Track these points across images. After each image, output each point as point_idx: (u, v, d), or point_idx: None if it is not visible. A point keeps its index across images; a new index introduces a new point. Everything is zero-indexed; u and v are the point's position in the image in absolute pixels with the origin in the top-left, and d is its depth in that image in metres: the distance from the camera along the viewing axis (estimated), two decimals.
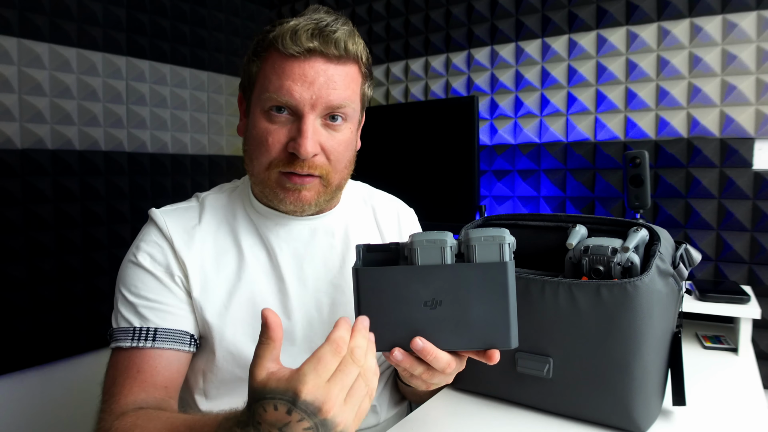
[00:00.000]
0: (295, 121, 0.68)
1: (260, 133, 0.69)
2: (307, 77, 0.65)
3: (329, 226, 0.80)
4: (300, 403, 0.42)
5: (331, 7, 2.16)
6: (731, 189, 1.40)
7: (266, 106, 0.68)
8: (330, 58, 0.67)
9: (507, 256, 0.52)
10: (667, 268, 0.66)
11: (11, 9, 1.51)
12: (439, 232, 0.54)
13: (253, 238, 0.76)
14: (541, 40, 1.69)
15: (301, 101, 0.66)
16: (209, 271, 0.73)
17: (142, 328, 0.68)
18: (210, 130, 2.13)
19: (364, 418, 0.48)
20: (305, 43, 0.65)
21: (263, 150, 0.69)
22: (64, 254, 1.67)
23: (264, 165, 0.70)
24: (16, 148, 1.55)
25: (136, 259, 0.72)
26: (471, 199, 1.59)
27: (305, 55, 0.66)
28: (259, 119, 0.69)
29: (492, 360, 0.54)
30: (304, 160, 0.67)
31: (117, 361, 0.68)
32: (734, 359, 1.00)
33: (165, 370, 0.68)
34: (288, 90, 0.65)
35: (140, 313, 0.69)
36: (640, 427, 0.65)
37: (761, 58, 1.35)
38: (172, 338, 0.69)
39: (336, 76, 0.67)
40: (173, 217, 0.75)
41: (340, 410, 0.44)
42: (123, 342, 0.67)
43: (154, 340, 0.68)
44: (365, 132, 0.82)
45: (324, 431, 0.43)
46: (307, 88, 0.65)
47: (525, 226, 0.82)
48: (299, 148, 0.66)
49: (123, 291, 0.71)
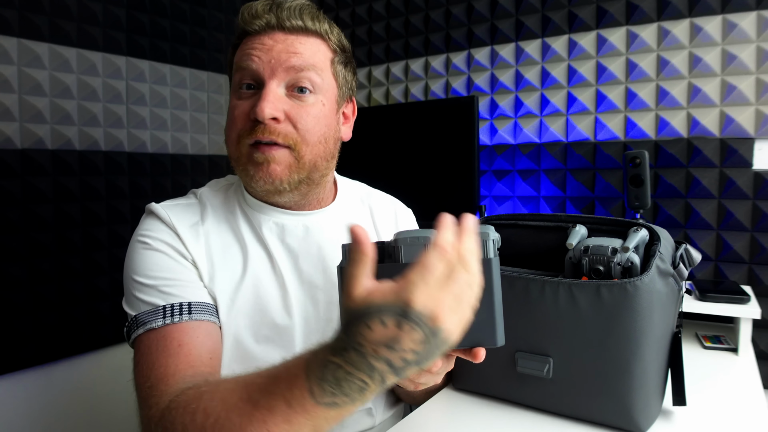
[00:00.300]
0: (259, 92, 0.70)
1: (230, 111, 0.72)
2: (265, 45, 0.69)
3: (325, 222, 0.80)
4: (412, 314, 0.40)
5: (331, 7, 2.16)
6: (731, 189, 1.40)
7: (235, 82, 0.71)
8: (289, 31, 0.70)
9: (491, 253, 0.51)
10: (667, 268, 0.66)
11: (11, 9, 1.51)
12: (423, 230, 0.53)
13: (251, 233, 0.76)
14: (541, 40, 1.69)
15: (259, 66, 0.68)
16: (217, 263, 0.72)
17: (173, 305, 0.64)
18: (210, 130, 2.13)
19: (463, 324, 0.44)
20: (263, 17, 0.69)
21: (231, 125, 0.71)
22: (64, 254, 1.67)
23: (234, 141, 0.71)
24: (16, 148, 1.55)
25: (146, 243, 0.69)
26: (471, 199, 1.59)
27: (264, 29, 0.70)
28: (231, 99, 0.72)
29: (477, 358, 0.54)
30: (266, 126, 0.67)
31: (150, 345, 0.62)
32: (734, 359, 1.00)
33: (207, 340, 0.63)
34: (249, 57, 0.69)
35: (164, 291, 0.65)
36: (640, 427, 0.65)
37: (761, 58, 1.35)
38: (206, 310, 0.66)
39: (296, 43, 0.70)
40: (175, 211, 0.74)
41: (453, 320, 0.42)
42: (153, 322, 0.62)
43: (190, 313, 0.63)
44: (365, 132, 0.82)
45: (434, 340, 0.42)
46: (265, 53, 0.68)
47: (525, 226, 0.82)
48: (257, 110, 0.66)
49: (136, 278, 0.67)
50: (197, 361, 0.61)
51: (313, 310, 0.76)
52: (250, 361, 0.70)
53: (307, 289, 0.77)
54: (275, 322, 0.73)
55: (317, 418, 0.45)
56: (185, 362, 0.60)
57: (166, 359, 0.60)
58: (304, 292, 0.76)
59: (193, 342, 0.62)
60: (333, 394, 0.44)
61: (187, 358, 0.60)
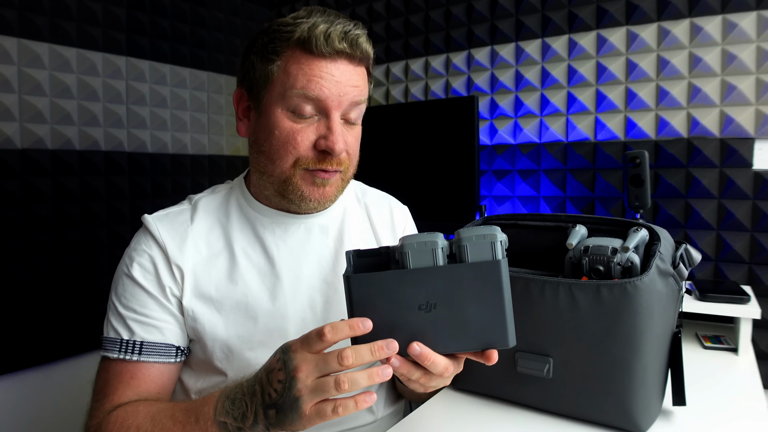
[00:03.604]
0: (321, 119, 0.70)
1: (286, 133, 0.69)
2: (335, 76, 0.68)
3: (324, 224, 0.81)
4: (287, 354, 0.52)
5: (331, 7, 2.16)
6: (731, 189, 1.40)
7: (292, 103, 0.68)
8: (353, 61, 0.70)
9: (500, 254, 0.51)
10: (667, 268, 0.66)
11: (11, 9, 1.51)
12: (429, 234, 0.53)
13: (248, 238, 0.77)
14: (541, 40, 1.69)
15: (330, 97, 0.68)
16: (201, 275, 0.74)
17: (129, 341, 0.70)
18: (210, 130, 2.13)
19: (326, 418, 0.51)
20: (337, 45, 0.67)
21: (290, 149, 0.69)
22: (64, 254, 1.67)
23: (289, 163, 0.70)
24: (16, 148, 1.55)
25: (129, 271, 0.73)
26: (471, 199, 1.59)
27: (333, 56, 0.68)
28: (282, 119, 0.69)
29: (490, 360, 0.54)
30: (334, 157, 0.70)
31: (108, 368, 0.71)
32: (734, 359, 1.00)
33: (157, 378, 0.71)
34: (318, 86, 0.67)
35: (128, 325, 0.71)
36: (640, 427, 0.65)
37: (761, 58, 1.35)
38: (157, 352, 0.71)
39: (356, 76, 0.71)
40: (165, 222, 0.75)
41: (306, 384, 0.50)
42: (111, 353, 0.70)
43: (140, 354, 0.70)
44: (365, 132, 0.82)
45: (288, 390, 0.50)
46: (334, 86, 0.68)
47: (525, 226, 0.82)
48: (333, 146, 0.68)
49: (114, 300, 0.73)
50: (145, 393, 0.69)
51: (311, 311, 0.77)
52: (246, 369, 0.71)
53: (305, 290, 0.77)
54: (268, 327, 0.74)
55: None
56: (132, 390, 0.69)
57: (117, 383, 0.69)
58: (303, 293, 0.77)
59: (144, 377, 0.70)
60: (227, 413, 0.55)
61: (137, 389, 0.69)
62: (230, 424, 0.54)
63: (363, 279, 0.53)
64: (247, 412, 0.53)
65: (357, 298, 0.53)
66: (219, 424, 0.55)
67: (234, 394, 0.55)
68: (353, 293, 0.53)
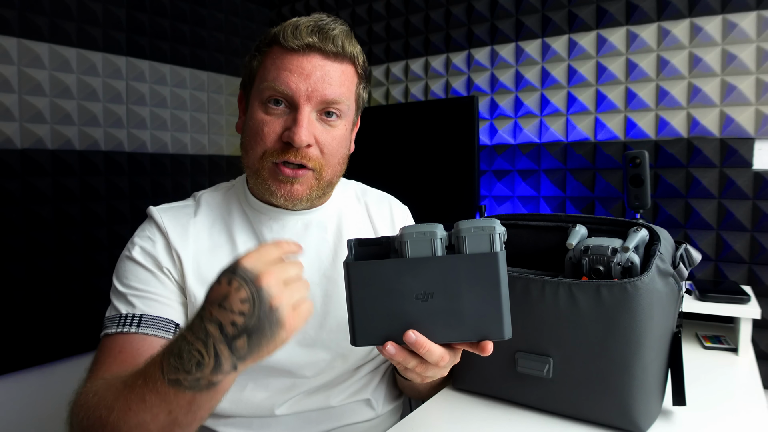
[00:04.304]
0: (290, 113, 0.70)
1: (256, 124, 0.71)
2: (304, 70, 0.69)
3: (322, 220, 0.81)
4: (239, 270, 0.47)
5: (331, 7, 2.16)
6: (731, 189, 1.40)
7: (264, 96, 0.70)
8: (327, 55, 0.70)
9: (498, 247, 0.51)
10: (667, 268, 0.66)
11: (11, 9, 1.52)
12: (429, 224, 0.53)
13: (248, 233, 0.78)
14: (541, 40, 1.69)
15: (297, 92, 0.69)
16: (204, 263, 0.74)
17: (128, 315, 0.70)
18: (210, 130, 2.13)
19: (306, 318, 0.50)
20: (305, 38, 0.68)
21: (258, 140, 0.71)
22: (64, 254, 1.67)
23: (258, 155, 0.71)
24: (16, 148, 1.55)
25: (129, 253, 0.74)
26: (471, 199, 1.59)
27: (304, 49, 0.69)
28: (257, 111, 0.71)
29: (485, 351, 0.54)
30: (298, 149, 0.69)
31: (103, 346, 0.70)
32: (734, 359, 1.00)
33: (147, 353, 0.68)
34: (285, 80, 0.69)
35: (129, 301, 0.71)
36: (640, 427, 0.65)
37: (761, 58, 1.35)
38: (157, 325, 0.70)
39: (332, 72, 0.70)
40: (169, 214, 0.77)
41: (278, 287, 0.47)
42: (110, 329, 0.69)
43: (138, 326, 0.69)
44: (365, 131, 0.83)
45: (259, 304, 0.46)
46: (303, 80, 0.69)
47: (525, 226, 0.82)
48: (293, 137, 0.68)
49: (115, 282, 0.74)
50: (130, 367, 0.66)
51: None
52: None
53: None
54: None
55: (168, 401, 0.50)
56: (118, 366, 0.65)
57: (104, 359, 0.67)
58: None
59: (132, 351, 0.67)
60: (176, 369, 0.49)
61: (122, 364, 0.66)
62: (184, 379, 0.49)
63: (362, 267, 0.53)
64: (204, 357, 0.48)
65: (355, 285, 0.54)
66: (170, 382, 0.50)
67: (179, 348, 0.49)
68: (352, 280, 0.54)
